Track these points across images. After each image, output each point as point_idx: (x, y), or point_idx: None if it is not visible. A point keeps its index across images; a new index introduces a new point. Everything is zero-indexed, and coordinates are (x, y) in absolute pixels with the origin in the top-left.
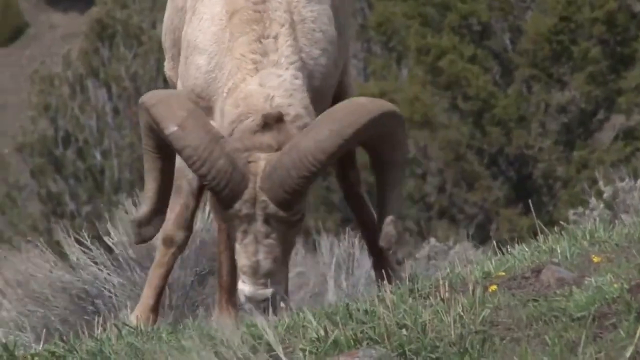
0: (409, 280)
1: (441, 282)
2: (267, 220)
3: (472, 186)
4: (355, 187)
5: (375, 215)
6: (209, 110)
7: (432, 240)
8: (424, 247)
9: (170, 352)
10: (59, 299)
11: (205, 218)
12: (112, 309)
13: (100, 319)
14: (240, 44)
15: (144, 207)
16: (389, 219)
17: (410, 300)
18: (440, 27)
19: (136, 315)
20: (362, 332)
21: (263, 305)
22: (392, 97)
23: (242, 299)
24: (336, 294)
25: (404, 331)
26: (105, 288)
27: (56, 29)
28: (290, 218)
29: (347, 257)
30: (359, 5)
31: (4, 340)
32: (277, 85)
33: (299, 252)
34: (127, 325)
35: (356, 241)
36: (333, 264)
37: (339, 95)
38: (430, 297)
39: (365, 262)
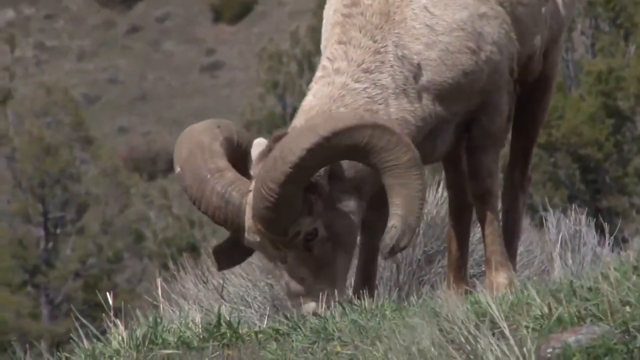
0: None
1: None
2: (274, 245)
3: None
4: None
5: None
6: None
7: None
8: None
9: (394, 329)
10: None
11: (437, 198)
12: None
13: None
14: (326, 48)
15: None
16: (389, 225)
17: (634, 277)
18: None
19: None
20: (585, 309)
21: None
22: (620, 73)
23: None
24: (562, 272)
25: (627, 308)
26: None
27: (284, 6)
28: (290, 242)
29: (573, 234)
30: None
31: (228, 318)
32: (324, 94)
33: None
34: (352, 302)
35: (582, 218)
36: (559, 241)
37: (539, 81)
38: None
39: (591, 239)
